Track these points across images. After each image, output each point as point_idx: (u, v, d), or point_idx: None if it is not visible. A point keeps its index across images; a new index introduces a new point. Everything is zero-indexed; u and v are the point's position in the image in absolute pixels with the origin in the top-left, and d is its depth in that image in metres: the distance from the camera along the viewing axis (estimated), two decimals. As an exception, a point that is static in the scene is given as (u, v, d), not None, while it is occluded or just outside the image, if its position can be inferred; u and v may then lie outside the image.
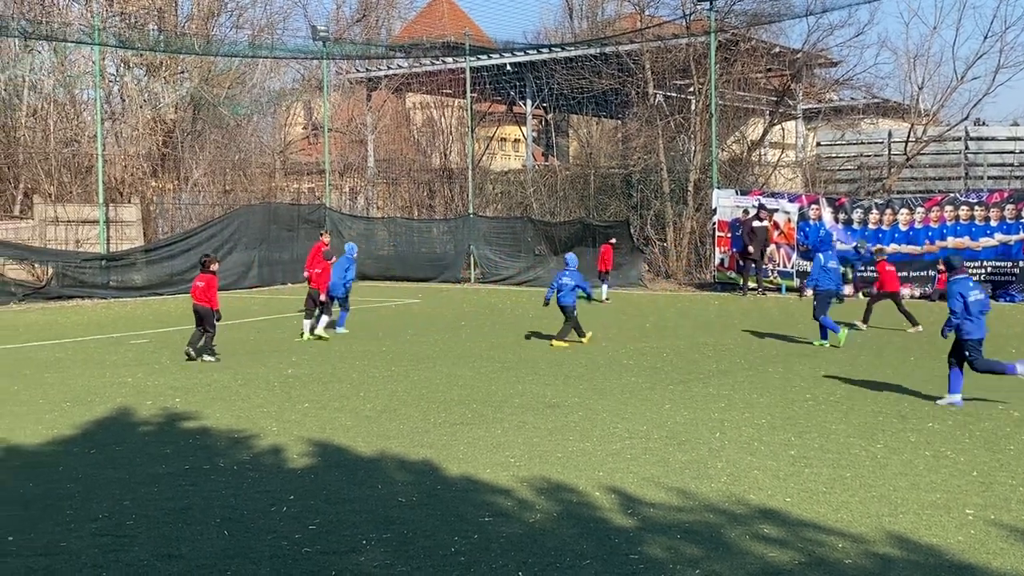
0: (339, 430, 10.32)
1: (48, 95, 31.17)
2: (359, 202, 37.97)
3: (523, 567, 6.30)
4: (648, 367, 14.36)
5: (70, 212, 28.14)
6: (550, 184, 34.15)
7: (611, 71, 31.82)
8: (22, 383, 13.51)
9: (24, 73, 30.33)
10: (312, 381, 13.44)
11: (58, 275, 26.32)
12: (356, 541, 6.83)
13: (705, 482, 8.18)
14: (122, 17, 33.91)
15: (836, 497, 7.76)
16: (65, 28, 30.60)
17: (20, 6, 31.30)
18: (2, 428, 10.59)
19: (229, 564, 6.41)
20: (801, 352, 15.83)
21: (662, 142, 30.43)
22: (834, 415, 10.84)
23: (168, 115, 33.93)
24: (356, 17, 53.09)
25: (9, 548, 6.77)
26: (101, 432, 10.42)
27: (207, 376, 13.93)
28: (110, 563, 6.45)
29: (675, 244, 29.61)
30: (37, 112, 30.80)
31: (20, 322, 21.60)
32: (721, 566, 6.28)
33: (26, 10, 31.17)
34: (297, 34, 73.67)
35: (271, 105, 39.03)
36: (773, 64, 32.98)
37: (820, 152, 32.74)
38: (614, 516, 7.31)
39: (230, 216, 30.77)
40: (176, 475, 8.60)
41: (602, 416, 10.90)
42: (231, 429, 10.41)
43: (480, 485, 8.19)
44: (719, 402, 11.66)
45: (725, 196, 27.54)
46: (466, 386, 12.93)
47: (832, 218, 26.05)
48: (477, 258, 31.64)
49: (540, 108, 40.37)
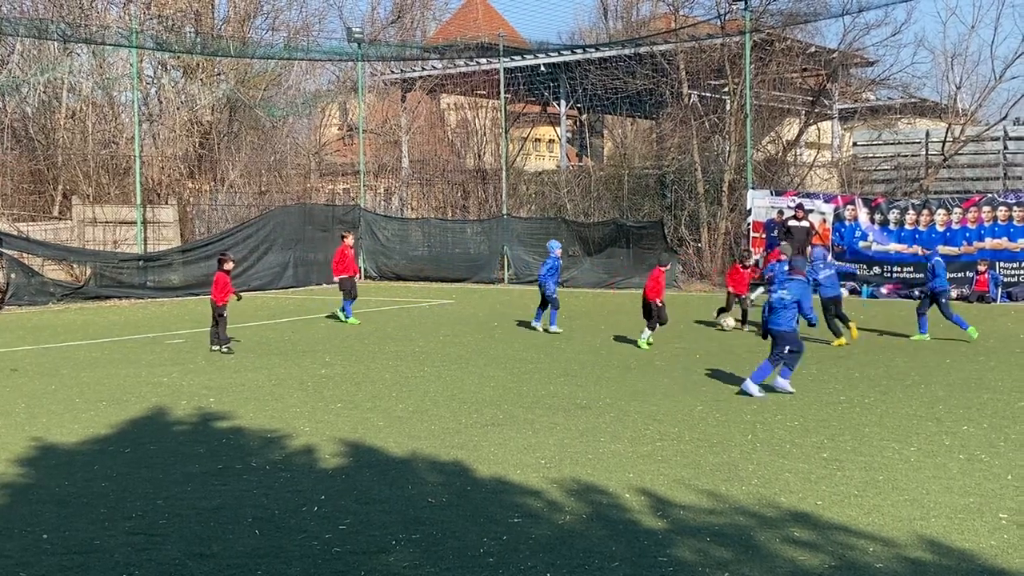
0: (371, 430, 10.37)
1: (87, 97, 31.56)
2: (393, 203, 38.12)
3: (552, 568, 6.30)
4: (681, 369, 14.31)
5: (108, 213, 28.45)
6: (584, 185, 34.10)
7: (645, 71, 31.73)
8: (59, 382, 13.69)
9: (63, 75, 30.73)
10: (345, 381, 13.51)
11: (96, 275, 26.61)
12: (386, 541, 6.87)
13: (736, 484, 8.15)
14: (159, 20, 34.26)
15: (868, 500, 7.70)
16: (103, 31, 30.96)
17: (59, 9, 31.70)
18: (39, 426, 10.74)
19: (260, 563, 6.46)
20: (835, 354, 15.71)
21: (696, 142, 30.30)
22: (868, 417, 10.76)
23: (205, 117, 34.24)
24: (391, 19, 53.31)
25: (44, 545, 6.86)
26: (136, 431, 10.54)
27: (241, 376, 14.04)
28: (143, 562, 6.52)
29: (709, 245, 29.48)
30: (76, 114, 31.18)
31: (58, 322, 21.88)
32: (751, 569, 6.25)
33: (65, 13, 31.56)
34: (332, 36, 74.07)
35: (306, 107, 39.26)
36: (809, 64, 32.76)
37: (856, 152, 32.46)
38: (644, 518, 7.30)
39: (265, 217, 30.99)
40: (209, 474, 8.68)
41: (633, 418, 10.88)
42: (264, 429, 10.49)
43: (510, 486, 8.20)
44: (751, 404, 11.59)
45: (760, 197, 27.40)
46: (498, 387, 12.95)
47: (868, 219, 25.83)
48: (511, 259, 31.65)
49: (574, 109, 40.34)
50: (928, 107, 34.73)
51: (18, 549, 6.78)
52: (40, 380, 13.88)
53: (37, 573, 6.34)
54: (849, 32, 31.46)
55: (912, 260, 25.04)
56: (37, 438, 10.16)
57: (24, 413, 11.51)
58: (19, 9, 32.66)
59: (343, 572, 6.30)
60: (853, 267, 23.96)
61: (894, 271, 25.43)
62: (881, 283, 25.40)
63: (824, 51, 32.60)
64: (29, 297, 25.12)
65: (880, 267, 25.56)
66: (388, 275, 33.08)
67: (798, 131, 33.01)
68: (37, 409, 11.73)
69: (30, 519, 7.45)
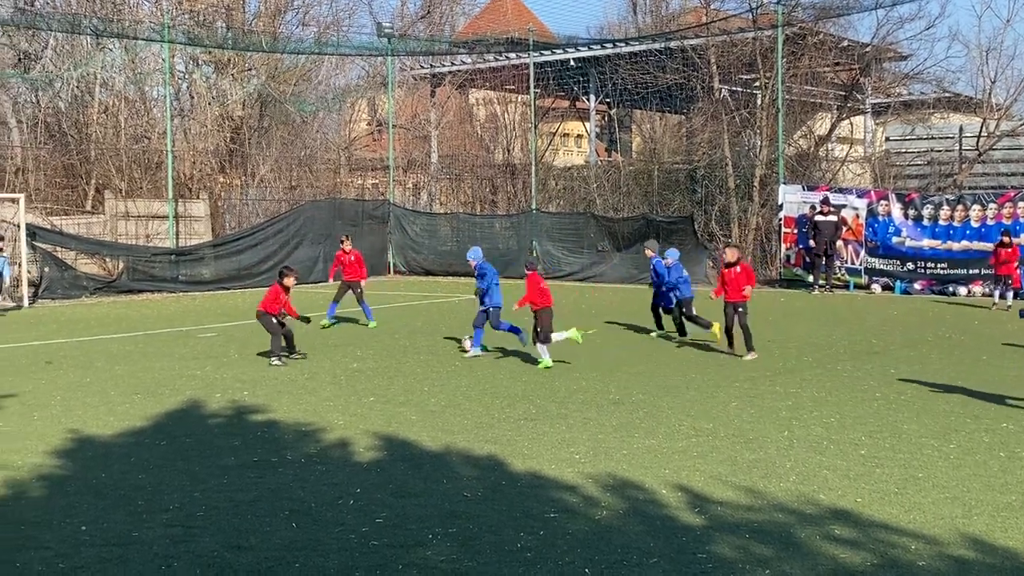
0: (404, 424, 10.37)
1: (119, 92, 31.73)
2: (422, 198, 38.13)
3: (590, 564, 6.26)
4: (714, 364, 14.22)
5: (140, 207, 28.63)
6: (613, 180, 33.98)
7: (675, 66, 31.56)
8: (94, 375, 13.78)
9: (96, 71, 30.92)
10: (377, 375, 13.52)
11: (129, 269, 26.79)
12: (422, 535, 6.85)
13: (774, 481, 8.07)
14: (191, 15, 34.40)
15: (908, 498, 7.61)
16: (136, 26, 31.13)
17: (92, 5, 31.89)
18: (75, 419, 10.80)
19: (297, 556, 6.46)
20: (870, 350, 15.57)
21: (727, 137, 30.13)
22: (905, 415, 10.64)
23: (236, 112, 34.36)
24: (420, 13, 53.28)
25: (83, 537, 6.89)
26: (171, 424, 10.58)
27: (274, 370, 14.08)
28: (181, 554, 6.54)
29: (740, 240, 29.28)
30: (108, 109, 31.36)
31: (92, 315, 22.03)
32: (792, 566, 6.18)
33: (98, 8, 31.75)
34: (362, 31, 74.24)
35: (336, 102, 39.33)
36: (841, 58, 32.49)
37: (889, 147, 32.18)
38: (681, 514, 7.24)
39: (296, 212, 31.09)
40: (244, 467, 8.70)
41: (667, 413, 10.82)
42: (298, 422, 10.51)
43: (545, 481, 8.16)
44: (786, 400, 11.51)
45: (791, 192, 27.21)
46: (529, 381, 12.92)
47: (902, 214, 25.60)
48: (539, 254, 31.58)
49: (603, 103, 40.19)
50: (962, 102, 34.35)
51: (57, 540, 6.81)
52: (75, 373, 13.98)
53: (76, 564, 6.37)
54: (882, 26, 31.22)
55: (946, 256, 24.80)
56: (74, 430, 10.22)
57: (60, 405, 11.59)
58: (52, 4, 32.91)
59: (381, 566, 6.29)
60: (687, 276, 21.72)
61: (927, 267, 25.16)
62: (915, 279, 25.16)
63: (857, 45, 32.33)
64: (62, 291, 25.34)
65: (914, 263, 25.30)
66: (417, 270, 33.11)
67: (830, 126, 32.76)
68: (73, 401, 11.81)
69: (68, 510, 7.49)
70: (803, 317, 20.24)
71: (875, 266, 25.96)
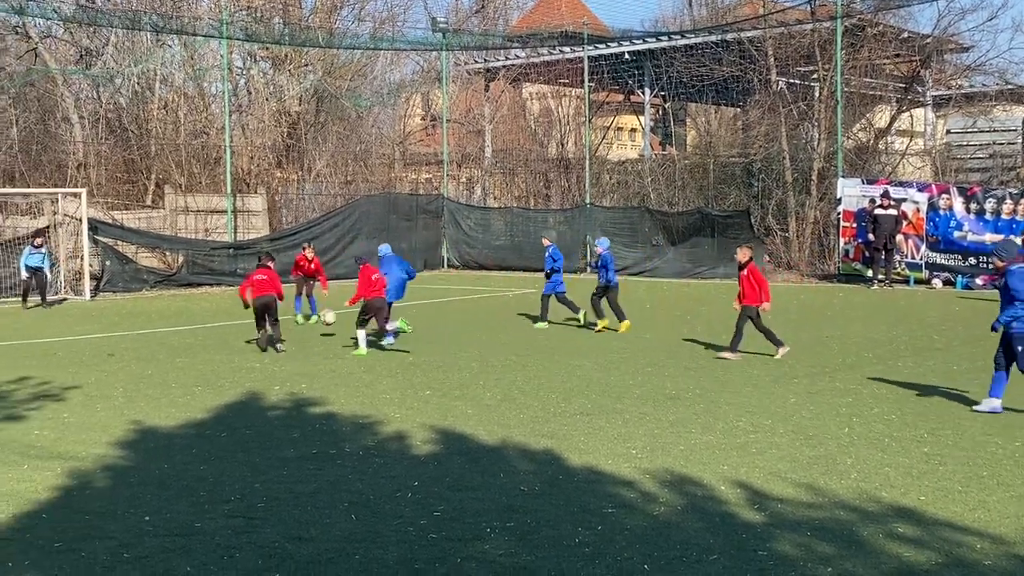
0: (460, 418, 10.39)
1: (179, 88, 32.18)
2: (476, 192, 38.20)
3: (649, 560, 6.23)
4: (771, 360, 14.08)
5: (199, 202, 29.00)
6: (668, 173, 33.77)
7: (732, 58, 31.28)
8: (155, 367, 13.98)
9: (156, 67, 31.37)
10: (433, 369, 13.57)
11: (188, 263, 27.17)
12: (480, 529, 6.86)
13: (835, 478, 7.98)
14: (248, 11, 34.75)
15: (973, 496, 7.48)
16: (194, 23, 31.52)
17: (152, 1, 32.34)
18: (138, 410, 10.97)
19: (357, 548, 6.50)
20: (931, 347, 15.33)
21: (785, 130, 29.80)
22: (967, 411, 10.46)
23: (292, 107, 34.69)
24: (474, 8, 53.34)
25: (146, 528, 6.99)
26: (231, 415, 10.71)
27: (331, 363, 14.19)
28: (242, 544, 6.61)
29: (797, 235, 28.99)
30: (168, 105, 31.82)
31: (152, 308, 22.37)
32: (854, 564, 6.10)
33: (158, 5, 32.19)
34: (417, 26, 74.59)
35: (391, 97, 39.54)
36: (901, 49, 31.96)
37: (950, 140, 31.62)
38: (741, 511, 7.18)
39: (351, 206, 31.32)
40: (304, 459, 8.78)
41: (724, 409, 10.73)
42: (356, 415, 10.58)
43: (602, 476, 8.14)
44: (846, 396, 11.36)
45: (851, 185, 26.86)
46: (584, 376, 12.89)
47: (964, 208, 25.17)
48: (593, 248, 31.50)
49: (658, 97, 39.95)
50: (1025, 93, 33.68)
51: (121, 530, 6.92)
52: (137, 365, 14.20)
53: (140, 554, 6.46)
54: (943, 17, 30.65)
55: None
56: (136, 421, 10.38)
57: (123, 397, 11.78)
58: (113, 1, 33.44)
59: (440, 558, 6.31)
60: None
61: (990, 262, 24.70)
62: (976, 274, 24.71)
63: (917, 36, 31.79)
64: (123, 284, 25.77)
65: (975, 257, 24.86)
66: (471, 264, 33.19)
67: (890, 118, 32.27)
68: (135, 393, 12.00)
69: (132, 501, 7.60)
70: (862, 312, 19.98)
71: (936, 261, 25.56)
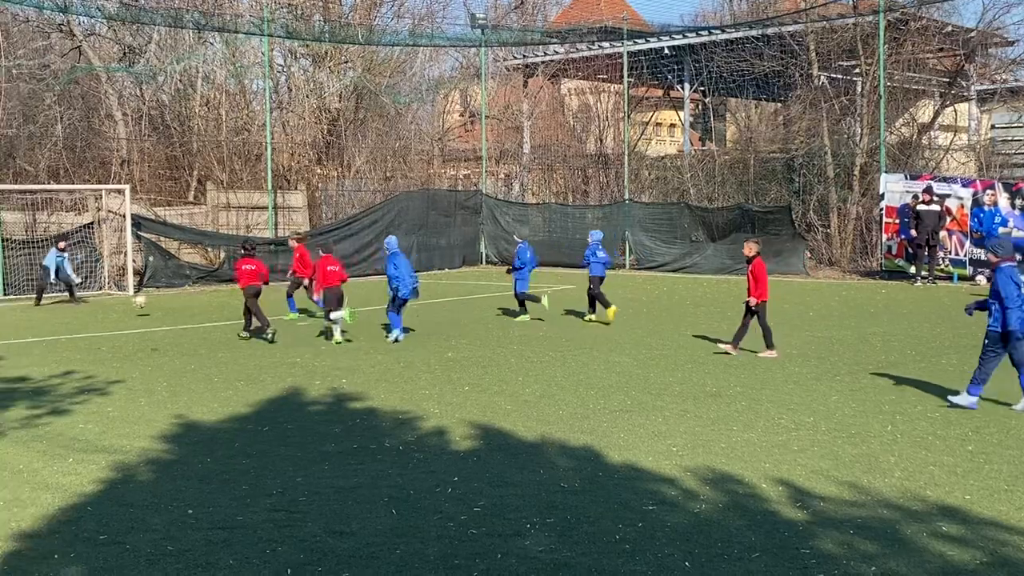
0: (499, 414, 10.40)
1: (220, 85, 32.44)
2: (514, 188, 38.21)
3: (690, 557, 6.21)
4: (813, 357, 13.97)
5: (240, 198, 29.23)
6: (708, 169, 33.59)
7: (773, 53, 31.05)
8: (198, 362, 14.11)
9: (198, 64, 31.64)
10: (471, 365, 13.59)
11: (229, 259, 27.37)
12: (520, 525, 6.87)
13: (878, 476, 7.90)
14: (289, 8, 34.96)
15: (1019, 495, 7.39)
16: (236, 20, 31.76)
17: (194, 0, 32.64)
18: (181, 404, 11.08)
19: (398, 543, 6.53)
20: (975, 344, 15.06)
21: (826, 125, 29.54)
22: (1013, 411, 10.31)
23: (332, 104, 34.87)
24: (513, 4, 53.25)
25: (189, 520, 7.06)
26: (273, 410, 10.79)
27: (371, 358, 14.25)
28: (284, 538, 6.66)
29: (839, 231, 28.73)
30: (210, 102, 32.08)
31: (194, 303, 22.58)
32: (898, 563, 6.05)
33: (200, 3, 32.47)
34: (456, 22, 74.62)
35: (430, 93, 39.62)
36: (945, 44, 31.57)
37: (995, 135, 31.18)
38: (783, 509, 7.13)
39: (391, 202, 31.43)
40: (345, 454, 8.83)
41: (766, 406, 10.66)
42: (396, 410, 10.62)
43: (642, 473, 8.11)
44: (889, 394, 11.25)
45: (894, 181, 26.57)
46: (624, 373, 12.85)
47: (1009, 204, 24.81)
48: (632, 244, 31.41)
49: (697, 92, 39.74)
50: (1072, 88, 33.14)
51: (165, 524, 7.00)
52: (179, 360, 14.34)
53: (183, 547, 6.53)
54: (988, 10, 30.42)
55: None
56: (179, 415, 10.49)
57: (166, 391, 11.90)
58: (156, 0, 33.75)
59: (480, 554, 6.32)
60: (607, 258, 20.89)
61: (1036, 258, 24.34)
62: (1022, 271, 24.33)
63: (961, 30, 31.39)
64: (166, 279, 26.05)
65: (1022, 254, 24.47)
66: (509, 260, 33.12)
67: (933, 113, 31.89)
68: (178, 388, 12.12)
69: (175, 494, 7.68)
70: (905, 309, 19.76)
71: (980, 257, 25.20)
